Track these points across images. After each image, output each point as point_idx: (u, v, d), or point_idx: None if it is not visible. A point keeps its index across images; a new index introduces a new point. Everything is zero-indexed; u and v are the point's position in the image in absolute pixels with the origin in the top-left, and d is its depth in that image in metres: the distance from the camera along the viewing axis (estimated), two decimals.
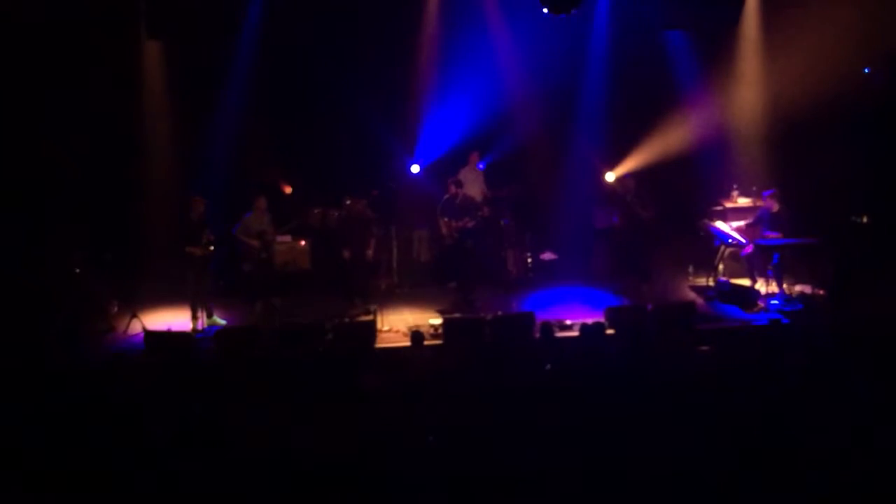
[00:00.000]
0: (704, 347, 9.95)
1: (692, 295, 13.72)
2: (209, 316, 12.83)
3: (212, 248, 12.72)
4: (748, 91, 15.49)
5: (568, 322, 12.22)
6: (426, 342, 10.93)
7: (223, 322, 12.84)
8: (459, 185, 13.98)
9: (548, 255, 15.13)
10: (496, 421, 7.39)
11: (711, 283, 13.91)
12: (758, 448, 6.64)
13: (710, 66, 15.63)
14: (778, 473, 6.44)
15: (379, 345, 11.69)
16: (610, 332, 11.20)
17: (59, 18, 13.53)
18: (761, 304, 12.82)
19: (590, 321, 10.70)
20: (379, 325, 12.23)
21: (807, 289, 13.20)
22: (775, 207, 13.36)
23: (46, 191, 13.77)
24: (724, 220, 14.17)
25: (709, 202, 14.85)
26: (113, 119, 14.35)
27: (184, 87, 14.85)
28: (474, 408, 7.70)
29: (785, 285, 13.17)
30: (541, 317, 11.94)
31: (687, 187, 15.31)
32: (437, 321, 12.18)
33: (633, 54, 15.17)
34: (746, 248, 13.54)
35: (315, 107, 15.24)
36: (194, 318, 12.60)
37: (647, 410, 7.41)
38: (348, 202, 13.87)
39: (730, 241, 13.64)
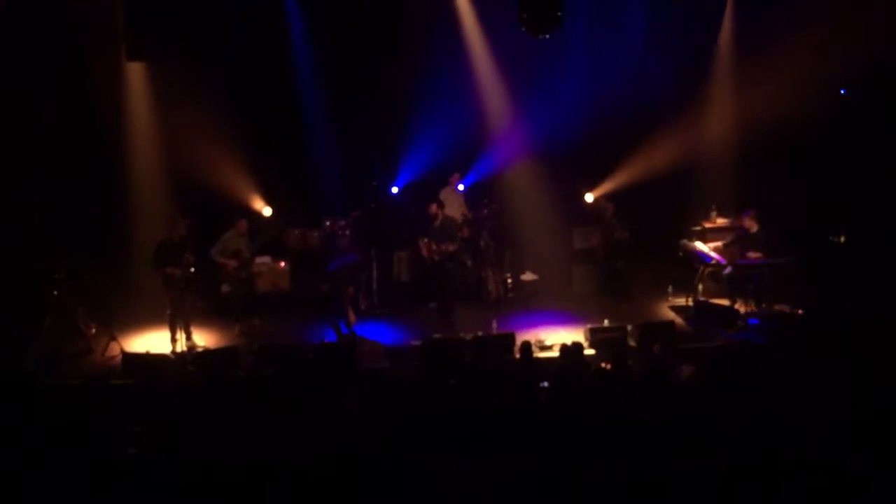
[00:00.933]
0: (685, 367, 9.96)
1: (672, 315, 13.77)
2: (188, 338, 12.76)
3: (192, 269, 12.65)
4: (725, 111, 15.54)
5: (548, 342, 12.24)
6: (406, 362, 10.91)
7: (202, 344, 12.76)
8: (441, 205, 14.02)
9: (528, 276, 15.16)
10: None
11: (691, 303, 13.96)
12: (738, 464, 6.65)
13: (688, 87, 15.70)
14: (758, 490, 6.45)
15: (359, 366, 11.65)
16: (590, 352, 11.23)
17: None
18: (740, 323, 12.87)
19: (570, 342, 10.69)
20: (359, 346, 12.19)
21: (785, 308, 13.25)
22: (754, 228, 13.46)
23: (26, 210, 13.71)
24: (704, 240, 14.23)
25: (688, 222, 14.90)
26: (96, 139, 14.33)
27: (168, 107, 14.81)
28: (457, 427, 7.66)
29: (763, 305, 13.23)
30: (521, 337, 11.97)
31: (666, 208, 15.37)
32: (418, 342, 12.17)
33: (611, 75, 15.21)
34: (725, 268, 13.61)
35: (295, 127, 15.25)
36: (173, 339, 12.51)
37: (629, 428, 7.39)
38: (328, 223, 13.89)
39: (709, 261, 13.70)
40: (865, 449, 6.78)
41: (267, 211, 15.02)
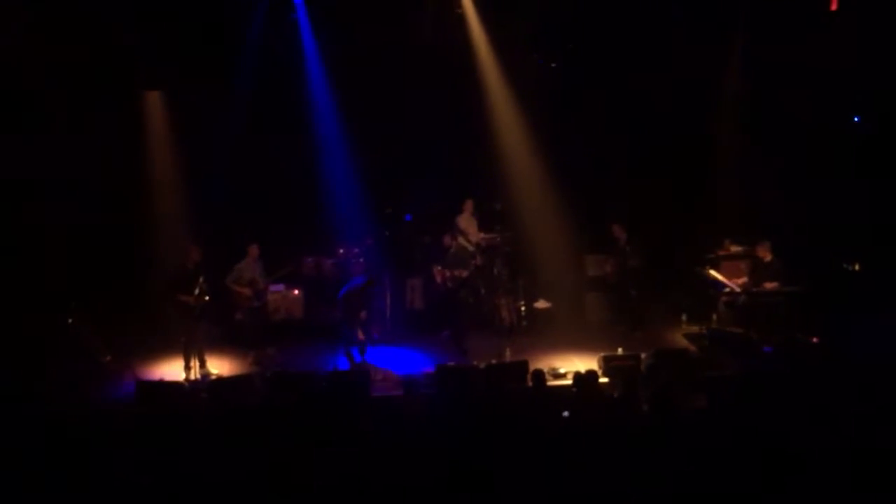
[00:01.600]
0: (699, 396, 9.92)
1: (686, 343, 13.72)
2: (202, 366, 12.78)
3: (206, 297, 12.71)
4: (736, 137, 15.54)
5: (562, 370, 12.22)
6: (419, 390, 10.88)
7: (216, 372, 12.78)
8: (455, 235, 14.05)
9: (541, 304, 15.14)
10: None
11: (705, 332, 13.91)
12: (754, 493, 6.61)
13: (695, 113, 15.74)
14: None
15: (373, 393, 11.64)
16: (604, 380, 11.19)
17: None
18: (755, 352, 12.81)
19: (583, 370, 10.65)
20: (372, 374, 12.18)
21: (799, 337, 13.18)
22: (768, 257, 13.43)
23: (43, 240, 13.79)
24: (718, 268, 14.20)
25: (703, 250, 14.88)
26: (113, 167, 14.43)
27: (186, 135, 14.98)
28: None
29: (778, 333, 13.16)
30: (534, 365, 11.94)
31: (679, 235, 15.35)
32: (431, 370, 12.16)
33: (621, 102, 15.24)
34: (740, 296, 13.57)
35: (309, 155, 15.32)
36: (187, 367, 12.55)
37: (643, 457, 7.36)
38: (341, 251, 13.93)
39: (724, 289, 13.66)
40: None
41: None
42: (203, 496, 6.99)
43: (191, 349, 12.62)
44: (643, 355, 12.27)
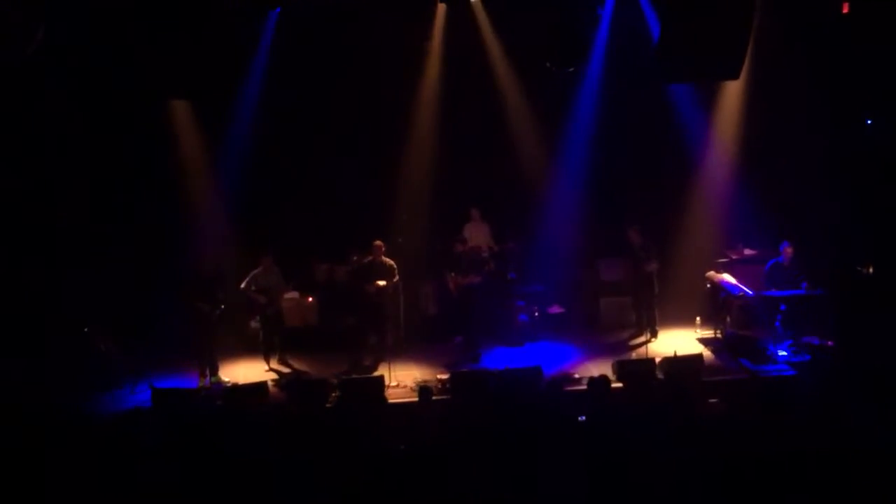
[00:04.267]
0: (713, 400, 9.92)
1: (700, 347, 13.70)
2: (213, 373, 12.83)
3: (222, 305, 12.77)
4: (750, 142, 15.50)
5: (576, 375, 12.23)
6: (434, 397, 10.91)
7: (227, 380, 12.81)
8: (464, 242, 14.12)
9: (555, 309, 15.14)
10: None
11: (719, 335, 13.90)
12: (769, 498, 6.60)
13: (713, 118, 15.73)
14: None
15: (387, 400, 11.67)
16: (617, 385, 11.20)
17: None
18: (769, 355, 12.79)
19: (597, 374, 10.66)
20: (386, 381, 12.21)
21: (814, 340, 13.15)
22: (789, 258, 13.37)
23: (60, 251, 13.90)
24: (730, 272, 14.17)
25: (715, 254, 14.86)
26: (143, 177, 14.59)
27: (211, 143, 15.10)
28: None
29: (792, 337, 13.14)
30: (548, 370, 11.96)
31: (693, 239, 15.34)
32: (445, 376, 12.17)
33: (633, 106, 15.23)
34: (753, 299, 13.53)
35: (323, 162, 15.36)
36: (202, 375, 12.62)
37: (655, 461, 7.36)
38: (355, 258, 13.95)
39: (737, 292, 13.63)
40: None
41: None
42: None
43: (205, 356, 12.69)
44: (657, 360, 12.28)
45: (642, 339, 14.11)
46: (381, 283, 13.40)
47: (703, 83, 15.27)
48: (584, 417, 9.06)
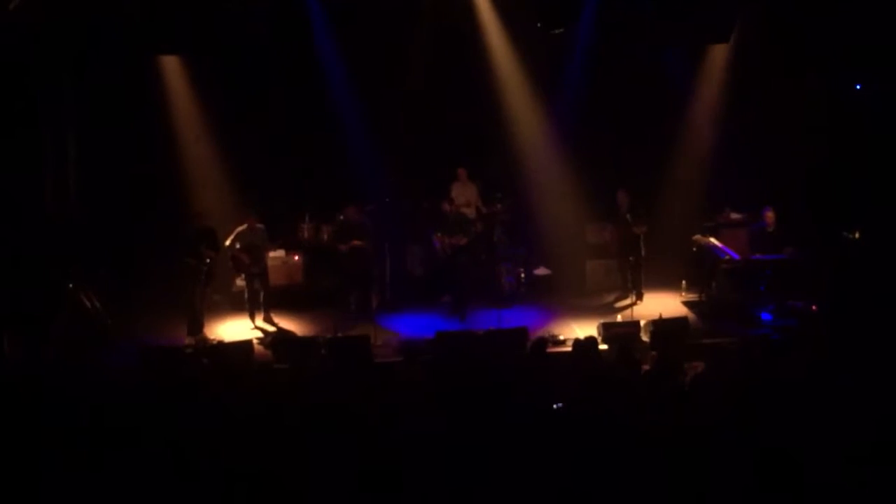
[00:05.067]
0: (697, 363, 9.94)
1: (685, 310, 13.76)
2: (199, 331, 12.83)
3: (208, 260, 12.75)
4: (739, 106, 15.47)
5: (561, 337, 12.27)
6: (418, 357, 10.90)
7: (214, 339, 12.81)
8: (451, 202, 14.07)
9: (541, 271, 15.16)
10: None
11: (704, 299, 13.94)
12: (754, 463, 6.60)
13: (701, 82, 15.69)
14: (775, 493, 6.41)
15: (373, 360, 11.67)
16: (603, 347, 11.24)
17: None
18: (754, 319, 12.85)
19: (583, 336, 10.69)
20: (372, 340, 12.22)
21: (799, 304, 13.21)
22: (771, 223, 13.40)
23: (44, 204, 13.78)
24: (717, 235, 14.20)
25: (701, 218, 14.86)
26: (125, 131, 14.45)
27: (204, 100, 15.01)
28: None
29: (777, 300, 13.19)
30: (534, 332, 11.99)
31: (679, 202, 15.34)
32: (430, 336, 12.18)
33: (623, 69, 15.16)
34: (739, 263, 13.55)
35: (309, 121, 15.27)
36: (190, 333, 12.62)
37: (639, 427, 7.37)
38: (341, 217, 13.91)
39: (723, 256, 13.66)
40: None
41: None
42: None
43: (193, 313, 12.71)
44: (642, 322, 12.33)
45: (628, 301, 14.14)
46: (357, 242, 13.42)
47: (694, 46, 15.26)
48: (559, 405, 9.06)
